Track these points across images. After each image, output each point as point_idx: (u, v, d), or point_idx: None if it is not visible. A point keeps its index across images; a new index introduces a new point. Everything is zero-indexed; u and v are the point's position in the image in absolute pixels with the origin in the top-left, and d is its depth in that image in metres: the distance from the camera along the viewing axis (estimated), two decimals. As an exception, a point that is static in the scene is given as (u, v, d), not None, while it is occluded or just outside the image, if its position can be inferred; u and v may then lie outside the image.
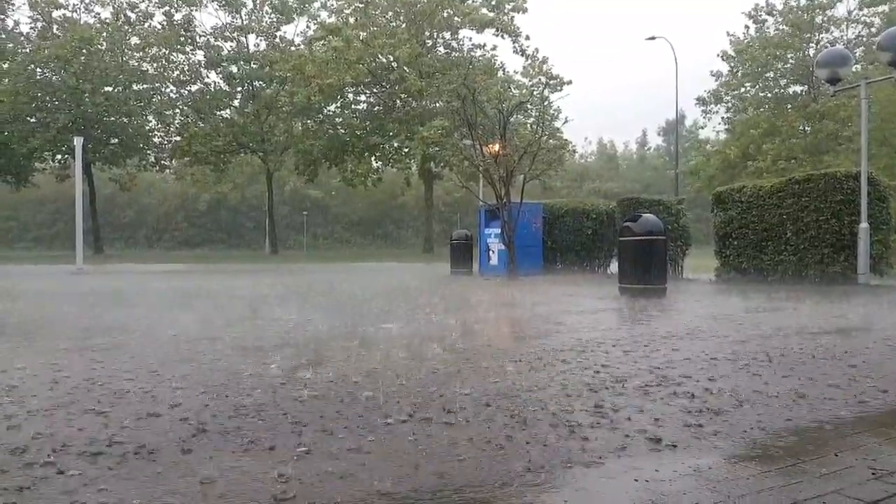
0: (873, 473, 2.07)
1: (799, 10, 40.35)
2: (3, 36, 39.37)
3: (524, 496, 1.88)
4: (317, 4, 42.83)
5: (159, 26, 41.39)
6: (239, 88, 44.21)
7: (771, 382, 3.31)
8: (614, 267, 12.19)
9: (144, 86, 42.34)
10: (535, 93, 34.07)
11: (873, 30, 38.13)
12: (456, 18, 39.71)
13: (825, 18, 40.48)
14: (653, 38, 35.18)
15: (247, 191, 62.32)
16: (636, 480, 1.99)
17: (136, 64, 41.99)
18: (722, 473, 2.05)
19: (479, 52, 40.35)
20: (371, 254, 44.85)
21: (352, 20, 38.93)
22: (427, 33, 40.52)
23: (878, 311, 7.27)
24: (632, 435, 2.42)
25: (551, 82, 35.85)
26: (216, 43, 43.09)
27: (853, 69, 22.90)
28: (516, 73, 39.71)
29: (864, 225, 10.16)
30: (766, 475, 2.04)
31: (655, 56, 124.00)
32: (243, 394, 3.03)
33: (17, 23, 41.08)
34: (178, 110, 43.97)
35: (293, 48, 42.48)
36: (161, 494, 1.85)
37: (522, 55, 39.14)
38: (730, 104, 45.54)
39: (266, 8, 42.94)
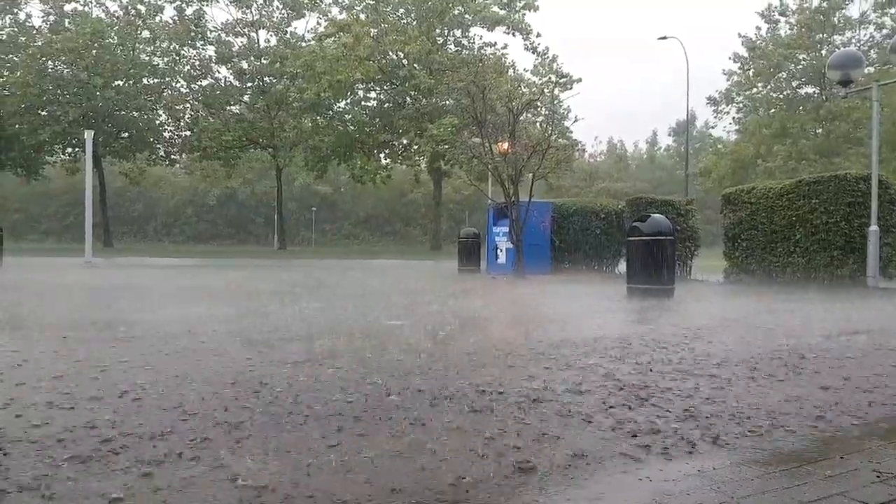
0: (878, 476, 2.07)
1: (810, 11, 40.13)
2: (16, 29, 39.62)
3: (526, 495, 1.89)
4: (328, 0, 42.91)
5: (171, 21, 41.53)
6: (249, 84, 44.28)
7: (777, 385, 3.31)
8: (622, 267, 12.16)
9: (155, 80, 42.53)
10: (545, 91, 34.01)
11: (885, 31, 37.91)
12: (467, 16, 39.74)
13: (839, 19, 40.23)
14: (664, 38, 35.16)
15: (256, 186, 62.51)
16: (640, 480, 1.99)
17: (147, 58, 42.16)
18: (726, 474, 2.05)
19: (489, 50, 40.33)
20: (379, 250, 44.95)
21: (362, 17, 38.99)
22: (438, 31, 40.52)
23: (887, 314, 7.23)
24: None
25: (561, 80, 35.79)
26: (227, 38, 43.21)
27: (866, 71, 22.76)
28: (526, 70, 39.72)
29: (873, 227, 10.09)
30: (771, 476, 2.04)
31: (667, 56, 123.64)
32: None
33: (28, 16, 41.33)
34: (188, 105, 44.11)
35: (303, 44, 42.52)
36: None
37: (533, 52, 39.16)
38: (741, 104, 45.41)
39: (276, 3, 42.98)
